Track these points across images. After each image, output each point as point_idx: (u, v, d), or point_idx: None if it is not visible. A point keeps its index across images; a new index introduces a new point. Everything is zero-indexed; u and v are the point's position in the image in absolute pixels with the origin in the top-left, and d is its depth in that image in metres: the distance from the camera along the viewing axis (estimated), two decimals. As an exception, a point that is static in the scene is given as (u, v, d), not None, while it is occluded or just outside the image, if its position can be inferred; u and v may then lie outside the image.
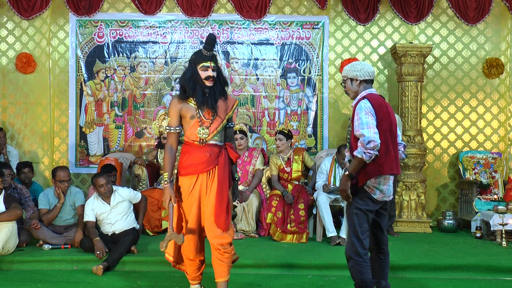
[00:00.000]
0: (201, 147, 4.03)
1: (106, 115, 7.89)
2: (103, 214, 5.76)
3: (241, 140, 6.94)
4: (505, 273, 5.17)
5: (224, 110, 4.06)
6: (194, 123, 4.02)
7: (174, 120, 4.06)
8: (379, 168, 3.77)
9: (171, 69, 7.88)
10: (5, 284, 4.82)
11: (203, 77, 3.98)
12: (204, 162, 4.00)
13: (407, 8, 7.80)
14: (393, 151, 3.85)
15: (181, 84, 4.07)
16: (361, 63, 4.01)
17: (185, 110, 4.03)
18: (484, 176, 7.51)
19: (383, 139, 3.75)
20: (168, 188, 3.96)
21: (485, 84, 7.93)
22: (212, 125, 4.01)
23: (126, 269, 5.34)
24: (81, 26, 7.85)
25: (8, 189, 6.00)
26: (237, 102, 4.22)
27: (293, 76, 7.89)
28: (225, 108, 4.07)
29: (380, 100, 3.90)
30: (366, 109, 3.76)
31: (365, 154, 3.67)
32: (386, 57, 7.89)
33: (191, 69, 4.02)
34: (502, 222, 6.18)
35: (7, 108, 7.88)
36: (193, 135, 4.03)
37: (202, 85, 3.98)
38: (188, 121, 4.04)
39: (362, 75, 3.93)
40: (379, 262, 4.01)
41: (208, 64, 3.98)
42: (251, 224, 6.67)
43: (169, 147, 4.07)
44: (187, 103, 4.04)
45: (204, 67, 3.98)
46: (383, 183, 3.84)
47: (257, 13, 7.80)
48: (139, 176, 7.20)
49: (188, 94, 4.01)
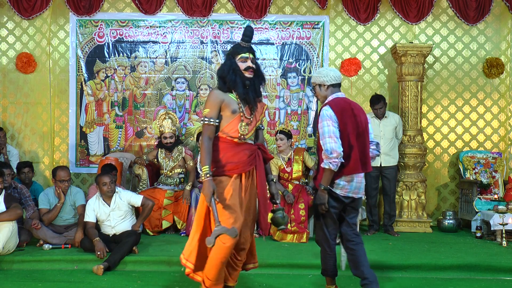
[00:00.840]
0: (240, 145, 3.85)
1: (106, 115, 7.89)
2: (103, 215, 5.76)
3: None
4: (505, 273, 5.18)
5: (259, 110, 3.97)
6: (236, 118, 3.82)
7: (214, 112, 3.81)
8: (341, 169, 4.00)
9: (171, 69, 7.88)
10: (5, 284, 4.82)
11: (242, 68, 3.84)
12: (245, 161, 3.82)
13: (407, 8, 7.80)
14: (359, 152, 4.05)
15: (220, 75, 3.90)
16: (328, 69, 4.25)
17: (226, 103, 3.82)
18: (484, 176, 7.51)
19: (346, 143, 3.99)
20: (209, 182, 3.71)
21: (485, 84, 7.93)
22: (252, 122, 3.89)
23: (126, 269, 5.34)
24: (81, 26, 7.86)
25: (8, 189, 6.00)
26: (266, 106, 4.19)
27: (293, 76, 7.89)
28: (260, 109, 3.98)
29: (343, 104, 4.08)
30: (326, 116, 4.01)
31: (332, 164, 3.93)
32: (386, 56, 7.89)
33: (229, 61, 3.88)
34: (502, 222, 6.18)
35: (8, 107, 7.88)
36: (233, 131, 3.83)
37: (242, 76, 3.83)
38: (228, 116, 3.83)
39: (329, 80, 4.15)
40: (352, 254, 4.19)
41: (247, 55, 3.86)
42: (251, 224, 6.67)
43: (207, 138, 3.80)
44: (229, 96, 3.85)
45: (243, 58, 3.86)
46: (344, 179, 4.05)
47: (257, 13, 7.80)
48: (139, 176, 7.20)
49: (229, 85, 3.84)
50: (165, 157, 7.11)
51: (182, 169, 7.11)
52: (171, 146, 7.04)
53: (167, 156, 7.10)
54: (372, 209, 7.06)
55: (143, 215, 5.98)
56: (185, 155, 7.07)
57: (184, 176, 7.16)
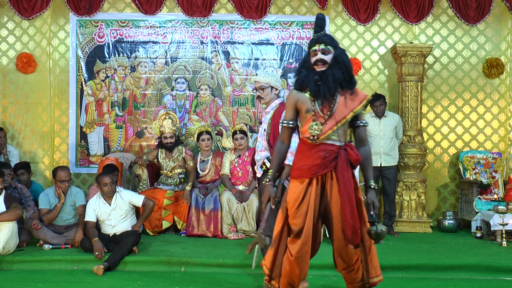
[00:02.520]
0: (314, 146, 3.51)
1: (106, 115, 7.89)
2: (103, 215, 5.77)
3: (241, 140, 6.95)
4: (505, 273, 5.18)
5: (346, 105, 3.50)
6: (309, 118, 3.53)
7: (289, 113, 3.66)
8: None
9: (171, 69, 7.88)
10: (6, 284, 4.82)
11: (312, 63, 3.52)
12: (318, 164, 3.47)
13: (407, 8, 7.81)
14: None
15: (295, 74, 3.69)
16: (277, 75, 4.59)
17: (301, 103, 3.58)
18: (484, 176, 7.51)
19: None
20: (269, 187, 3.62)
21: (485, 84, 7.93)
22: (329, 121, 3.49)
23: (126, 269, 5.34)
24: (81, 26, 7.86)
25: (8, 189, 6.00)
26: (367, 97, 3.56)
27: (293, 76, 7.88)
28: (349, 103, 3.51)
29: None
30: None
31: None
32: (386, 57, 7.89)
33: (304, 58, 3.64)
34: (502, 222, 6.18)
35: (8, 108, 7.88)
36: (306, 131, 3.54)
37: (313, 71, 3.52)
38: (303, 116, 3.59)
39: (280, 86, 4.59)
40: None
41: (315, 48, 3.51)
42: (251, 224, 6.68)
43: (279, 141, 3.71)
44: (303, 95, 3.59)
45: (313, 51, 3.53)
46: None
47: (257, 13, 7.80)
48: (139, 176, 7.20)
49: (302, 83, 3.57)
50: (165, 157, 7.11)
51: (182, 169, 7.12)
52: (171, 146, 7.05)
53: (167, 156, 7.10)
54: (372, 209, 7.05)
55: (144, 215, 5.98)
56: (185, 155, 7.08)
57: (184, 176, 7.17)
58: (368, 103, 3.55)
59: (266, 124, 4.52)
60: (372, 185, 3.55)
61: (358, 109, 3.53)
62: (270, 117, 4.49)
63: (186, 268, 5.22)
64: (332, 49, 3.52)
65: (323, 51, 3.50)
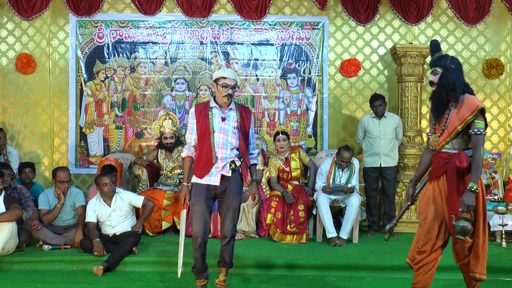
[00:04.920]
0: (434, 154, 4.03)
1: (106, 116, 7.89)
2: (103, 216, 5.77)
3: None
4: (505, 274, 5.18)
5: (457, 118, 3.84)
6: (434, 130, 4.07)
7: (430, 126, 4.17)
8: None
9: (171, 69, 7.89)
10: (5, 285, 4.82)
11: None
12: (434, 169, 4.00)
13: (407, 9, 7.81)
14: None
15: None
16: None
17: (430, 118, 4.11)
18: (484, 176, 7.50)
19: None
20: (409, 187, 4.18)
21: (485, 85, 7.94)
22: (442, 135, 3.94)
23: (126, 269, 5.34)
24: (81, 26, 7.86)
25: (8, 190, 6.00)
26: (478, 107, 3.78)
27: (293, 76, 7.89)
28: (461, 114, 3.82)
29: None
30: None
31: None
32: (386, 57, 7.89)
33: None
34: (502, 222, 6.18)
35: (7, 108, 7.88)
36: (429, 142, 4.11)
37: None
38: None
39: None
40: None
41: (431, 70, 4.01)
42: (251, 225, 6.68)
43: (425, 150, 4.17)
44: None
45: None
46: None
47: (257, 14, 7.80)
48: (139, 177, 7.20)
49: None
50: (165, 157, 7.11)
51: (182, 170, 7.11)
52: (171, 146, 7.06)
53: (167, 157, 7.11)
54: (371, 209, 7.06)
55: (144, 216, 5.98)
56: (185, 155, 7.07)
57: (184, 177, 7.15)
58: (479, 112, 3.77)
59: (235, 122, 4.48)
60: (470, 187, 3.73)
61: (469, 119, 3.79)
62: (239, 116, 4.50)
63: (186, 268, 5.21)
64: (439, 69, 3.90)
65: (434, 73, 3.92)
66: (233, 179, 4.47)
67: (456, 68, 3.86)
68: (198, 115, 4.48)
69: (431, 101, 3.95)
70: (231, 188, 4.47)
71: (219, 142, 4.43)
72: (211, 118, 4.45)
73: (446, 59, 3.90)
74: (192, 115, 4.51)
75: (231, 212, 4.47)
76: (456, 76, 3.83)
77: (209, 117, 4.45)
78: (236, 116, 4.50)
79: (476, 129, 3.77)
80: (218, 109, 4.48)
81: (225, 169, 4.43)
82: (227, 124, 4.46)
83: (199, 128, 4.47)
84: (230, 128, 4.46)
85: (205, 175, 4.44)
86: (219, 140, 4.43)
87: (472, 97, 3.84)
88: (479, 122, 3.77)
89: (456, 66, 3.86)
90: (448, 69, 3.84)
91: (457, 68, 3.86)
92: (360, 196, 6.52)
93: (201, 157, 4.47)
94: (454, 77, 3.83)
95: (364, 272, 5.25)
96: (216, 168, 4.42)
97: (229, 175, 4.44)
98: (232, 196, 4.47)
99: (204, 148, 4.44)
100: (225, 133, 4.44)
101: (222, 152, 4.42)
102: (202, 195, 4.45)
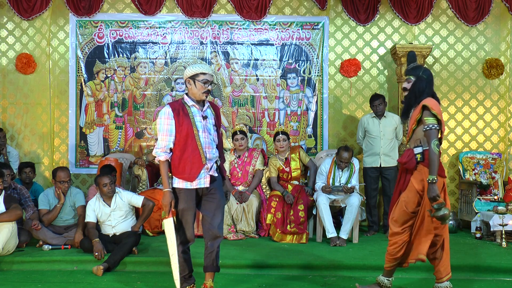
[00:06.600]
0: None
1: (106, 116, 7.89)
2: (103, 216, 5.77)
3: (241, 140, 6.96)
4: (505, 274, 5.18)
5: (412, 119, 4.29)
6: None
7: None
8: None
9: (171, 69, 7.89)
10: (5, 285, 4.82)
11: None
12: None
13: (407, 9, 7.81)
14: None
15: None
16: None
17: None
18: (484, 176, 7.51)
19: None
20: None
21: (485, 85, 7.94)
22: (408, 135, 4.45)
23: (126, 269, 5.34)
24: (81, 26, 7.86)
25: (8, 190, 6.00)
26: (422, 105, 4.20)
27: (293, 76, 7.89)
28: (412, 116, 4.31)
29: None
30: None
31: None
32: (386, 57, 7.89)
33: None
34: (502, 222, 6.18)
35: (7, 108, 7.88)
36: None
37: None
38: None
39: None
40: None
41: (406, 77, 4.41)
42: (251, 225, 6.68)
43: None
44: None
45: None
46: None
47: (257, 14, 7.80)
48: (139, 177, 7.20)
49: None
50: (165, 157, 7.10)
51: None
52: (171, 146, 7.04)
53: (167, 157, 7.09)
54: (372, 209, 7.06)
55: (143, 216, 5.98)
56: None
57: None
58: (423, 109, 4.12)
59: (213, 119, 4.33)
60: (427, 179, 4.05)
61: (417, 117, 4.16)
62: (213, 113, 4.35)
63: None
64: (412, 78, 4.30)
65: (407, 80, 4.34)
66: (217, 178, 4.35)
67: (428, 79, 4.27)
68: (176, 115, 4.16)
69: (403, 105, 4.36)
70: (217, 187, 4.31)
71: (206, 142, 4.22)
72: (192, 117, 4.19)
73: (419, 70, 4.31)
74: (169, 115, 4.16)
75: (220, 210, 4.31)
76: (425, 86, 4.24)
77: (190, 116, 4.19)
78: (212, 113, 4.36)
79: (427, 126, 4.09)
80: (197, 107, 4.24)
81: (213, 170, 4.28)
82: (208, 123, 4.27)
83: (179, 129, 4.16)
84: (211, 126, 4.30)
85: (196, 178, 4.19)
86: (205, 140, 4.21)
87: (425, 99, 4.17)
88: (428, 118, 4.09)
89: (427, 77, 4.27)
90: (420, 79, 4.26)
91: (428, 78, 4.27)
92: (360, 196, 6.52)
93: (186, 160, 4.17)
94: (424, 86, 4.23)
95: (364, 272, 5.24)
96: (205, 169, 4.22)
97: (216, 175, 4.32)
98: (219, 194, 4.31)
99: (189, 150, 4.17)
100: (208, 131, 4.26)
101: (209, 152, 4.23)
102: (192, 200, 4.22)
